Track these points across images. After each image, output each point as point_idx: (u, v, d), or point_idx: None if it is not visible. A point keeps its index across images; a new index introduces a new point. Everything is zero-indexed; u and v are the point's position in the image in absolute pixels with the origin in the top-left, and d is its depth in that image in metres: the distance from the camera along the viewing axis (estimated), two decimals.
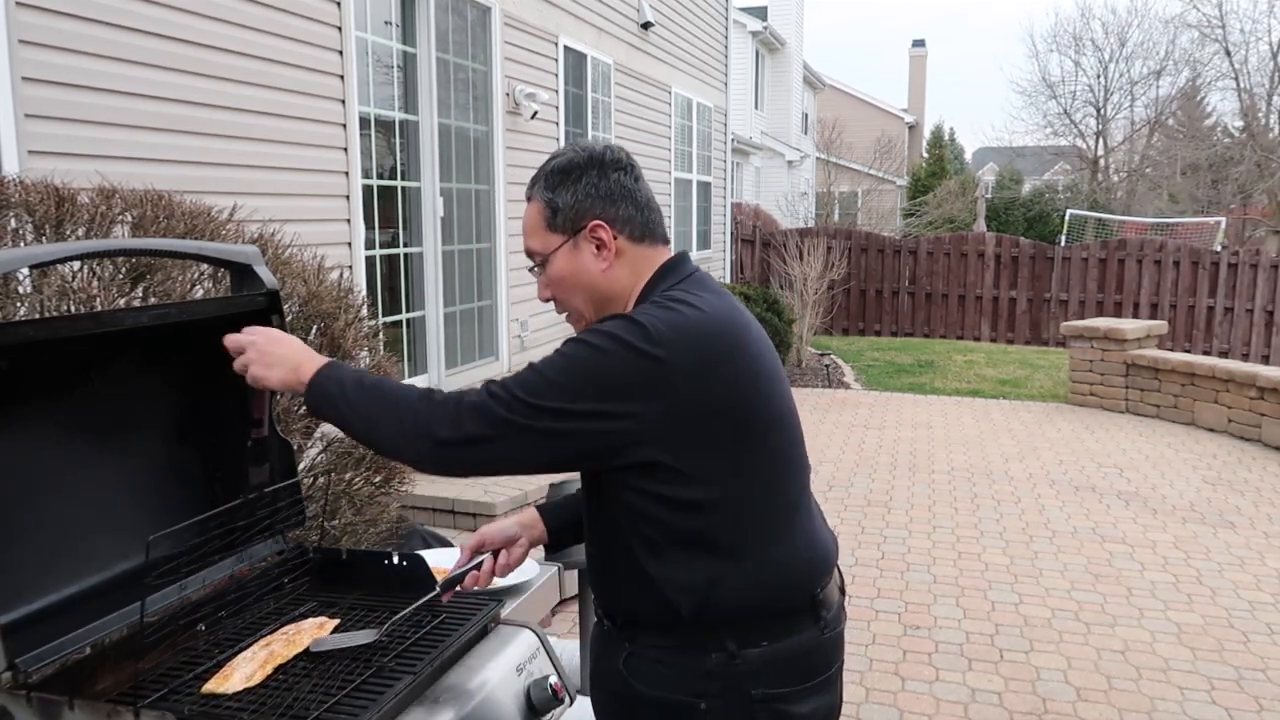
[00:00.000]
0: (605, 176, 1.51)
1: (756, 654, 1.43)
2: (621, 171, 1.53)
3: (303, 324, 3.13)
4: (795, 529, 1.49)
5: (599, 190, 1.50)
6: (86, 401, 1.67)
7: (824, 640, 1.50)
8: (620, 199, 1.51)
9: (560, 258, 1.52)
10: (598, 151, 1.53)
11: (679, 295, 1.45)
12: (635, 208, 1.52)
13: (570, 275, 1.52)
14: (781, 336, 9.77)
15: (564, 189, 1.51)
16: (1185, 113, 27.66)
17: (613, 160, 1.53)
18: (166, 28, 4.09)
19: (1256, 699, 3.46)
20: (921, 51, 37.92)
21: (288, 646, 1.60)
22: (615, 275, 1.52)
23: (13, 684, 1.43)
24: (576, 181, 1.51)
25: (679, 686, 1.44)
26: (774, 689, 1.44)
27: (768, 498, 1.46)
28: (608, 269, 1.51)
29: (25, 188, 2.58)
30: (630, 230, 1.52)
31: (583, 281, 1.52)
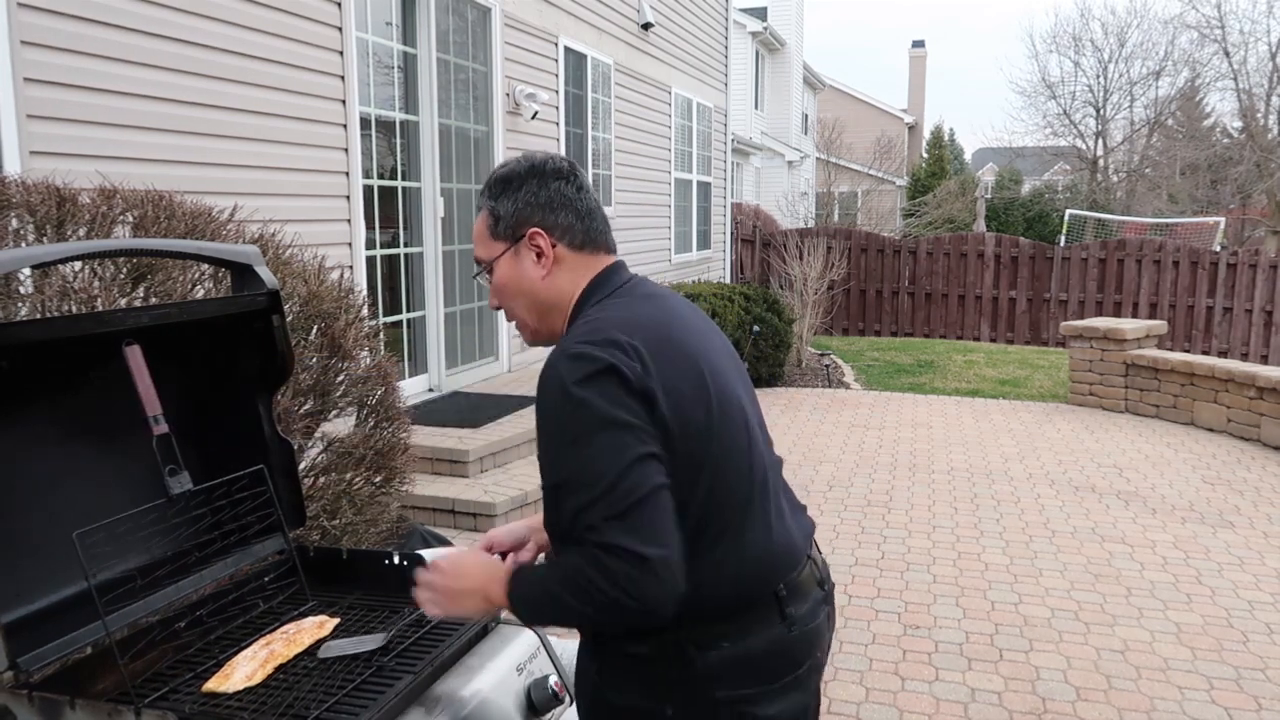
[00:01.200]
0: (545, 185, 1.53)
1: (716, 656, 1.41)
2: (562, 181, 1.55)
3: (303, 324, 3.13)
4: (745, 525, 1.46)
5: (538, 199, 1.53)
6: (86, 401, 1.67)
7: (791, 637, 1.47)
8: (560, 207, 1.53)
9: (503, 265, 1.55)
10: (538, 161, 1.56)
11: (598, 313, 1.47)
12: (576, 216, 1.54)
13: (512, 282, 1.55)
14: (781, 336, 9.77)
15: (505, 197, 1.54)
16: (1184, 113, 27.66)
17: (554, 170, 1.55)
18: (167, 28, 4.09)
19: (1256, 699, 3.46)
20: (921, 52, 37.92)
21: (288, 646, 1.61)
22: (555, 283, 1.54)
23: (14, 683, 1.43)
24: (517, 190, 1.53)
25: (645, 693, 1.44)
26: (737, 690, 1.42)
27: (711, 495, 1.42)
28: (547, 276, 1.53)
29: (27, 188, 2.59)
30: (570, 238, 1.54)
31: (524, 289, 1.55)
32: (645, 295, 1.54)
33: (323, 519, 3.02)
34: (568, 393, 1.36)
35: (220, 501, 1.81)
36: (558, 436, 1.37)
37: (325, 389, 3.17)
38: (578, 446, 1.35)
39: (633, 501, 1.32)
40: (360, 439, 3.31)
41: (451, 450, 5.10)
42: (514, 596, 1.42)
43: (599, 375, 1.35)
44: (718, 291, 9.45)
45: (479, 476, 5.13)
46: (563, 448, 1.37)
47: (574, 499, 1.35)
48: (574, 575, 1.34)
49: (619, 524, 1.31)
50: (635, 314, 1.47)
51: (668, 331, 1.45)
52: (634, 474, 1.33)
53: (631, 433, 1.35)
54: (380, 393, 3.40)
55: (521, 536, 1.72)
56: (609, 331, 1.40)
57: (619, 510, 1.31)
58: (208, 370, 1.90)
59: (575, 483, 1.35)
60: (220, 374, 1.91)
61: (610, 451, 1.33)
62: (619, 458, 1.33)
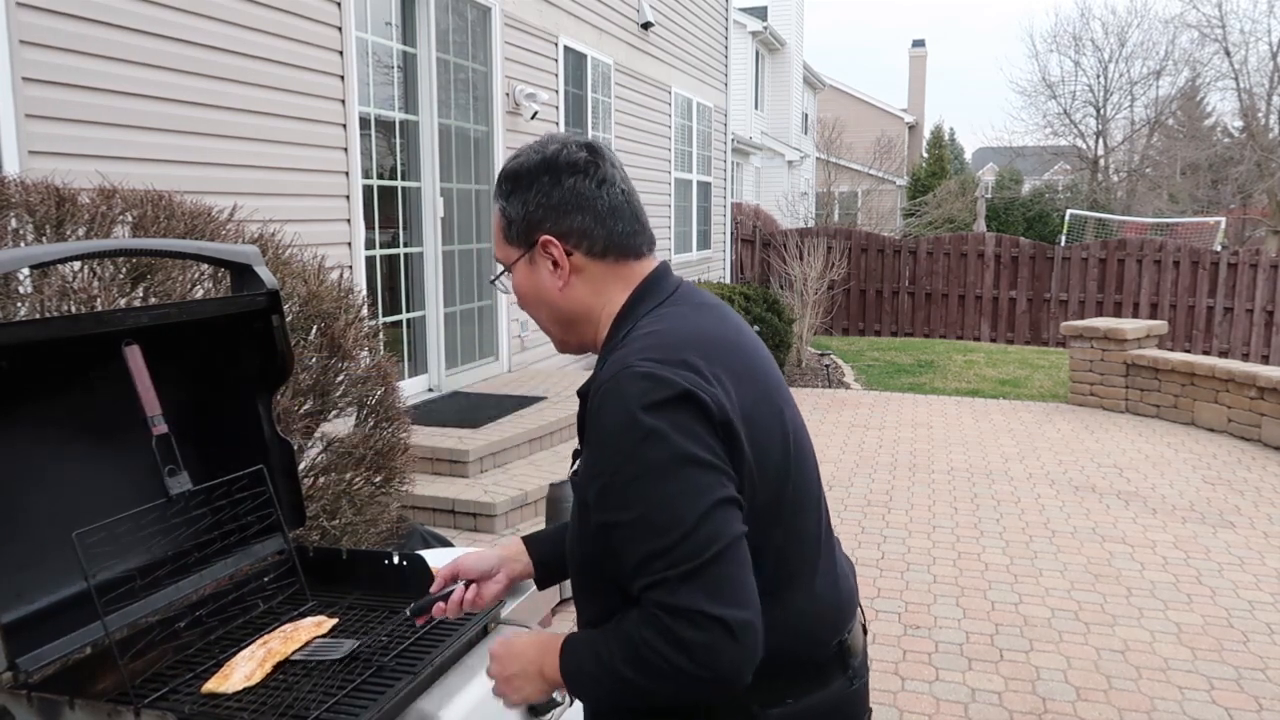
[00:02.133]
0: (558, 183, 1.31)
1: (782, 712, 1.27)
2: (578, 176, 1.31)
3: (303, 324, 3.13)
4: (818, 570, 1.33)
5: (550, 200, 1.31)
6: (86, 401, 1.67)
7: (853, 691, 1.35)
8: (574, 210, 1.31)
9: (519, 272, 1.36)
10: (550, 153, 1.32)
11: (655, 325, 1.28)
12: (595, 219, 1.31)
13: (530, 292, 1.36)
14: (781, 336, 9.77)
15: (515, 197, 1.33)
16: (1185, 113, 27.66)
17: (568, 163, 1.31)
18: (167, 28, 4.09)
19: (1256, 699, 3.46)
20: (921, 51, 37.92)
21: (286, 644, 1.61)
22: (575, 295, 1.34)
23: (13, 684, 1.43)
24: (526, 190, 1.32)
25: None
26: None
27: (787, 537, 1.28)
28: (564, 288, 1.33)
29: (26, 188, 2.59)
30: (589, 245, 1.32)
31: (543, 299, 1.36)
32: (701, 305, 1.34)
33: (323, 519, 3.02)
34: (636, 420, 1.15)
35: (220, 501, 1.81)
36: (621, 469, 1.17)
37: (325, 389, 3.17)
38: (646, 483, 1.15)
39: (711, 555, 1.13)
40: (360, 439, 3.31)
41: (451, 450, 5.10)
42: (567, 673, 1.24)
43: (675, 402, 1.16)
44: (718, 292, 9.45)
45: (479, 476, 5.13)
46: (627, 483, 1.16)
47: (636, 546, 1.16)
48: (636, 646, 1.15)
49: (694, 582, 1.12)
50: (704, 330, 1.27)
51: (741, 355, 1.28)
52: (713, 521, 1.14)
53: (711, 473, 1.16)
54: (380, 393, 3.39)
55: (491, 567, 1.57)
56: (682, 351, 1.21)
57: (694, 566, 1.12)
58: (207, 370, 1.90)
59: (640, 526, 1.15)
60: (220, 374, 1.91)
61: (687, 494, 1.14)
62: (696, 501, 1.14)
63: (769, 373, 1.32)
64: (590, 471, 1.23)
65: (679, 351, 1.21)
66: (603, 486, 1.20)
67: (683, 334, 1.26)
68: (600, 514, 1.21)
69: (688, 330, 1.27)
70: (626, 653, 1.16)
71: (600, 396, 1.21)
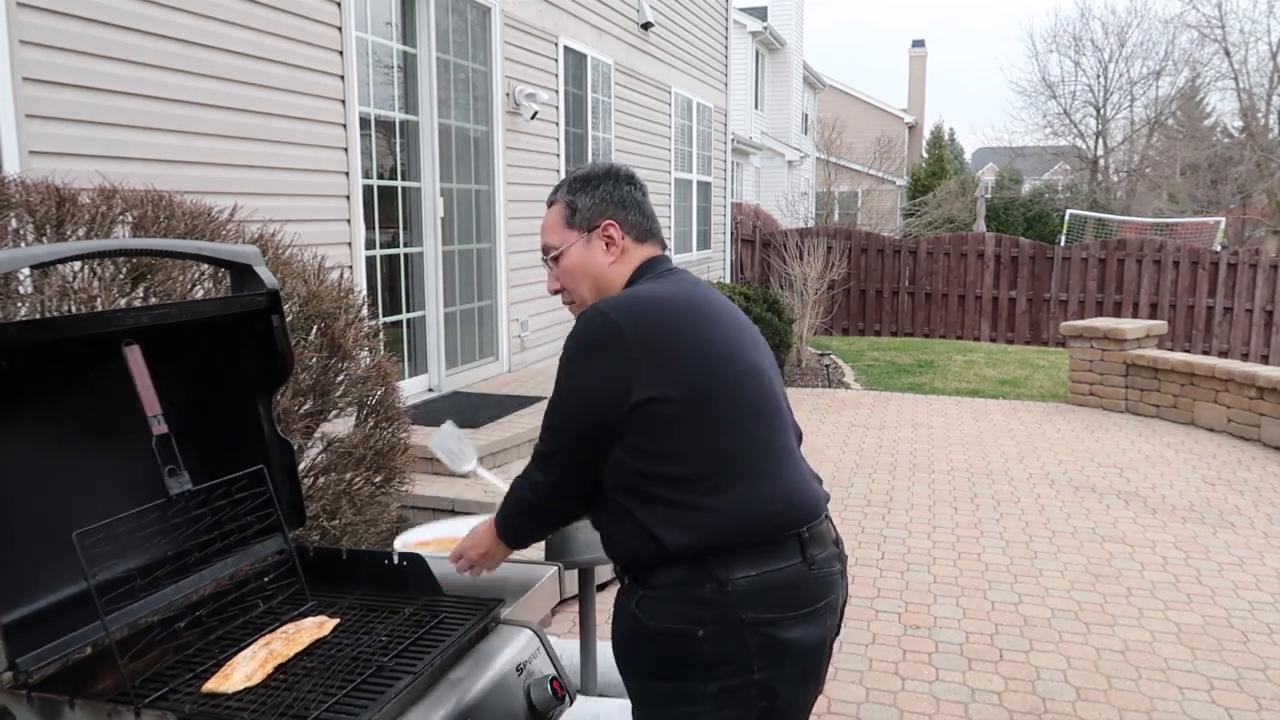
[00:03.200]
0: (619, 187, 1.85)
1: (744, 581, 1.61)
2: (632, 186, 1.88)
3: (303, 324, 3.13)
4: (769, 471, 1.69)
5: (614, 197, 1.84)
6: (86, 402, 1.67)
7: (810, 575, 1.67)
8: (630, 206, 1.85)
9: (574, 251, 1.84)
10: (615, 167, 1.88)
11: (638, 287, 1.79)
12: (641, 215, 1.86)
13: (580, 266, 1.83)
14: (781, 336, 9.77)
15: (584, 193, 1.84)
16: (1185, 113, 27.65)
17: (626, 175, 1.88)
18: (167, 28, 4.09)
19: (1256, 699, 3.46)
20: (921, 51, 37.91)
21: (288, 645, 1.61)
22: (618, 269, 1.83)
23: (13, 684, 1.43)
24: (595, 188, 1.84)
25: (679, 617, 1.62)
26: (761, 614, 1.61)
27: (734, 439, 1.66)
28: (614, 263, 1.83)
29: (26, 188, 2.59)
30: (635, 233, 1.85)
31: (590, 272, 1.83)
32: (676, 279, 1.81)
33: (323, 519, 3.02)
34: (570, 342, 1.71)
35: (220, 502, 1.81)
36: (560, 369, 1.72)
37: (325, 389, 3.17)
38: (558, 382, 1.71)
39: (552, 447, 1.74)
40: (360, 439, 3.31)
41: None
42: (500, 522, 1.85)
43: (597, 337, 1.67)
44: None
45: (479, 477, 5.12)
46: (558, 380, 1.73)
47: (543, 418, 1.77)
48: (516, 489, 1.81)
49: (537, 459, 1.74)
50: (657, 293, 1.75)
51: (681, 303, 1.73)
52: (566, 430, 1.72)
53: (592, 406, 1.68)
54: (380, 393, 3.39)
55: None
56: (630, 299, 1.73)
57: (546, 442, 1.74)
58: (208, 370, 1.90)
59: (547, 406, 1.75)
60: (220, 374, 1.91)
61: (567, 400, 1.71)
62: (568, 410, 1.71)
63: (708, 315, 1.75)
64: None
65: (625, 301, 1.72)
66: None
67: (638, 292, 1.76)
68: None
69: (643, 291, 1.76)
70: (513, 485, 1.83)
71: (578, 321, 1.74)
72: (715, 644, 1.60)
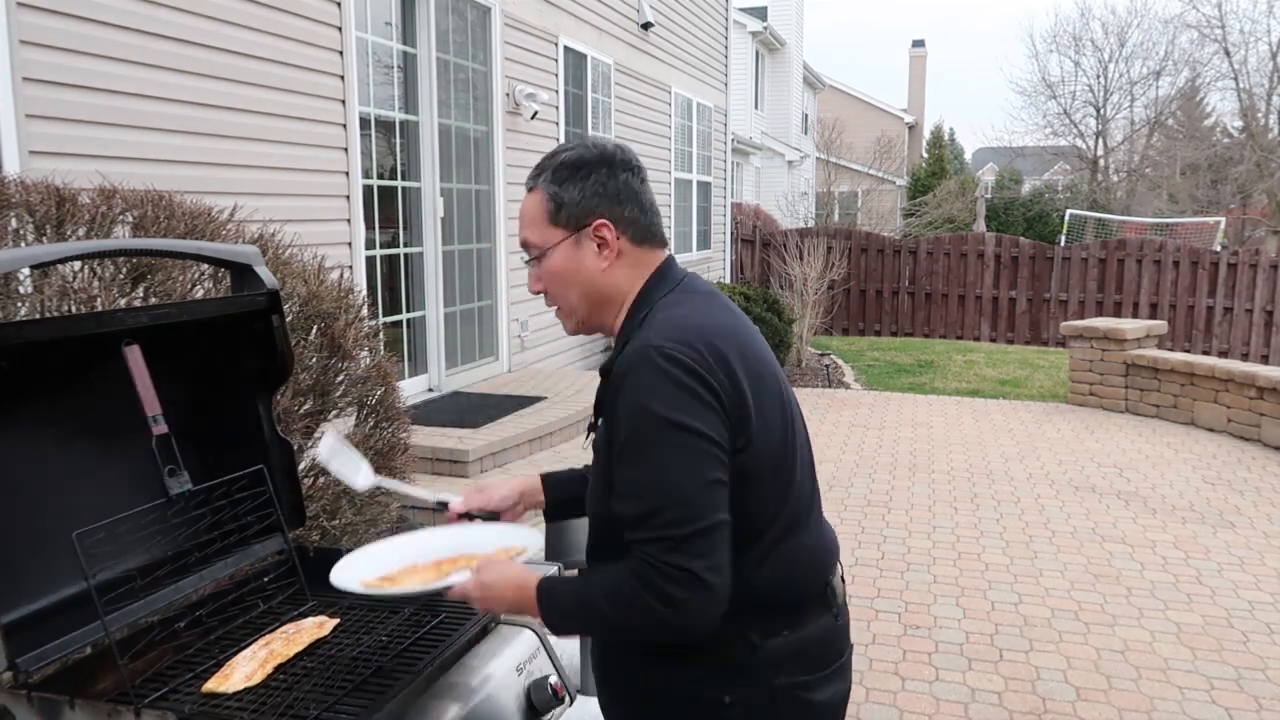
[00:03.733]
0: (614, 176, 1.50)
1: (779, 643, 1.44)
2: (630, 173, 1.52)
3: (303, 324, 3.13)
4: (811, 522, 1.52)
5: (607, 190, 1.49)
6: (86, 401, 1.67)
7: (838, 626, 1.54)
8: (627, 200, 1.51)
9: (560, 253, 1.51)
10: (609, 150, 1.52)
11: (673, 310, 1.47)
12: (640, 210, 1.52)
13: (569, 272, 1.52)
14: (781, 336, 9.77)
15: (571, 184, 1.49)
16: (1185, 113, 27.66)
17: (623, 161, 1.52)
18: (167, 28, 4.09)
19: (1256, 699, 3.46)
20: (921, 51, 37.91)
21: (288, 645, 1.60)
22: (614, 276, 1.52)
23: (13, 684, 1.43)
24: (585, 179, 1.49)
25: (702, 682, 1.43)
26: (795, 677, 1.45)
27: (791, 494, 1.47)
28: (607, 269, 1.51)
29: (26, 188, 2.59)
30: (633, 232, 1.52)
31: (581, 279, 1.52)
32: (708, 294, 1.54)
33: (323, 519, 3.02)
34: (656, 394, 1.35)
35: (220, 502, 1.81)
36: (638, 432, 1.36)
37: (325, 389, 3.17)
38: (655, 449, 1.34)
39: (705, 525, 1.32)
40: (360, 439, 3.31)
41: (451, 450, 5.10)
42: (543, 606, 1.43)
43: (689, 382, 1.35)
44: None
45: (479, 477, 5.13)
46: (640, 445, 1.36)
47: (638, 503, 1.35)
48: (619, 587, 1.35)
49: (688, 546, 1.31)
50: (714, 319, 1.46)
51: (743, 339, 1.47)
52: (710, 495, 1.34)
53: (711, 454, 1.35)
54: (380, 393, 3.39)
55: (511, 499, 1.78)
56: (699, 336, 1.40)
57: (690, 531, 1.31)
58: (208, 370, 1.90)
59: (644, 485, 1.35)
60: (220, 374, 1.91)
61: (688, 465, 1.34)
62: (696, 474, 1.34)
63: (767, 354, 1.52)
64: (614, 436, 1.40)
65: (697, 336, 1.40)
66: (621, 447, 1.38)
67: (697, 320, 1.44)
68: (617, 468, 1.39)
69: (700, 318, 1.45)
70: (608, 590, 1.36)
71: (626, 369, 1.39)
72: (744, 712, 1.43)
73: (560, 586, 1.45)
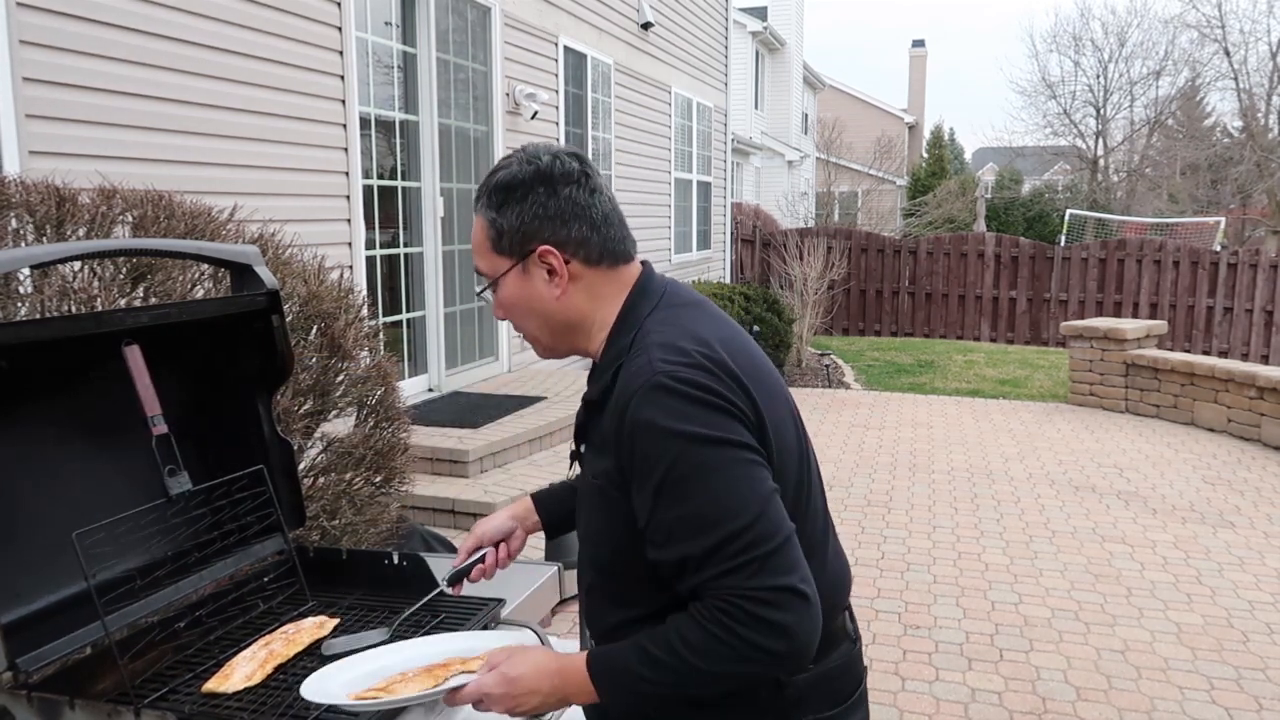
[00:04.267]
0: (555, 194, 1.34)
1: (805, 678, 1.34)
2: (573, 185, 1.35)
3: (303, 324, 3.13)
4: (827, 548, 1.43)
5: (547, 210, 1.33)
6: (86, 401, 1.67)
7: (856, 653, 1.46)
8: (572, 218, 1.34)
9: (510, 282, 1.38)
10: (545, 164, 1.35)
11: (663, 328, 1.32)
12: (590, 227, 1.35)
13: (522, 301, 1.38)
14: (781, 336, 9.77)
15: (508, 208, 1.34)
16: (1185, 113, 27.66)
17: (562, 173, 1.34)
18: (167, 28, 4.09)
19: (1256, 699, 3.46)
20: (921, 51, 37.91)
21: (288, 645, 1.60)
22: (571, 302, 1.37)
23: (13, 684, 1.43)
24: (521, 200, 1.34)
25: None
26: (820, 713, 1.37)
27: (808, 517, 1.37)
28: (561, 296, 1.36)
29: (26, 188, 2.59)
30: (585, 254, 1.35)
31: (536, 309, 1.38)
32: (697, 305, 1.40)
33: (323, 519, 3.02)
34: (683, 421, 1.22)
35: (220, 502, 1.81)
36: (674, 467, 1.22)
37: (325, 389, 3.17)
38: (705, 478, 1.21)
39: (783, 538, 1.22)
40: (360, 439, 3.31)
41: (451, 450, 5.10)
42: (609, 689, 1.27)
43: (713, 404, 1.24)
44: (718, 291, 9.46)
45: (479, 477, 5.13)
46: (682, 479, 1.21)
47: (701, 539, 1.21)
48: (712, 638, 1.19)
49: (773, 563, 1.19)
50: (714, 334, 1.33)
51: (746, 354, 1.35)
52: (775, 508, 1.23)
53: (759, 465, 1.25)
54: (380, 393, 3.39)
55: (509, 528, 1.68)
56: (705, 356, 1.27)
57: (771, 548, 1.20)
58: (207, 370, 1.90)
59: (703, 519, 1.21)
60: (220, 374, 1.91)
61: (744, 483, 1.22)
62: (755, 490, 1.22)
63: (769, 366, 1.39)
64: (636, 477, 1.26)
65: (703, 354, 1.28)
66: (655, 488, 1.23)
67: (698, 336, 1.31)
68: (656, 513, 1.24)
69: (700, 333, 1.32)
70: (694, 644, 1.20)
71: (634, 400, 1.25)
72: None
73: (619, 660, 1.26)
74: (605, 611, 1.43)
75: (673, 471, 1.22)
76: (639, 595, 1.35)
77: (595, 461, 1.37)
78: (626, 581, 1.37)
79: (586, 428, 1.41)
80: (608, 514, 1.35)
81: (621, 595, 1.39)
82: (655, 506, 1.24)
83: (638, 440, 1.25)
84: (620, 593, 1.39)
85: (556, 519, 1.73)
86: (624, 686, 1.25)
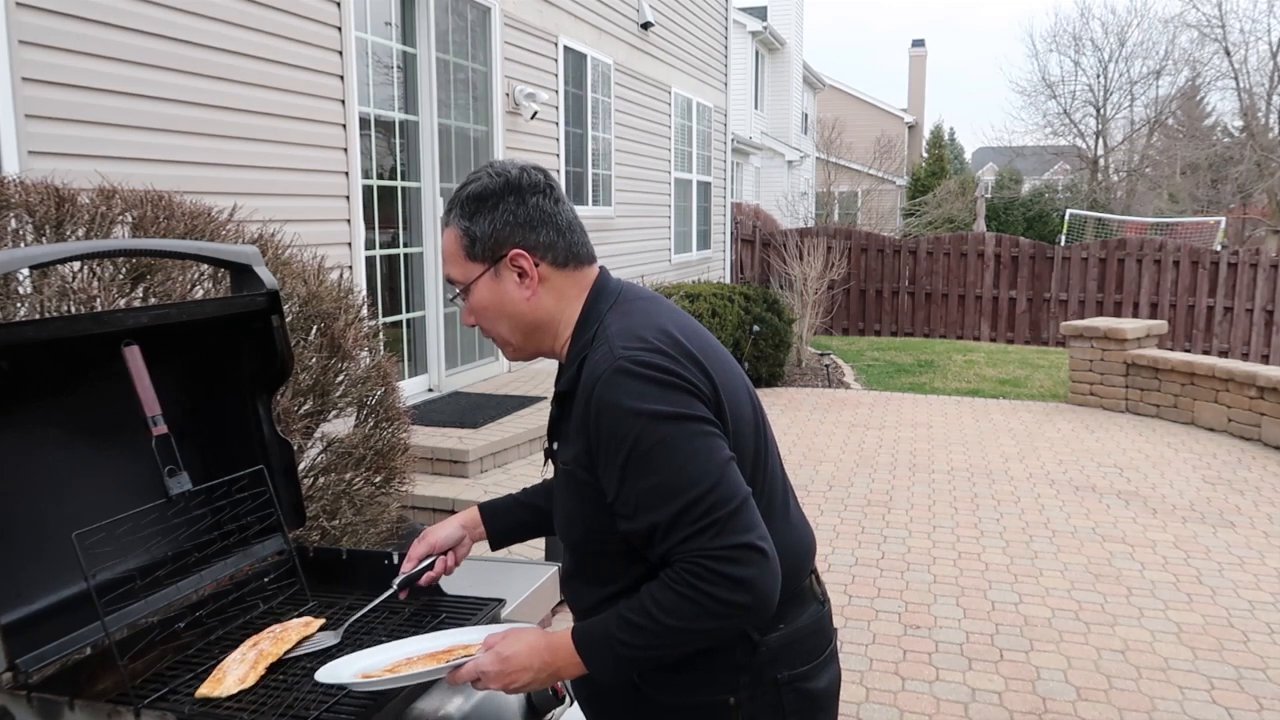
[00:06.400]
0: (523, 202, 1.46)
1: (776, 637, 1.45)
2: (540, 195, 1.47)
3: (303, 324, 3.13)
4: (788, 514, 1.53)
5: (518, 217, 1.46)
6: (86, 401, 1.67)
7: (825, 613, 1.56)
8: (540, 225, 1.47)
9: (482, 287, 1.49)
10: (514, 176, 1.47)
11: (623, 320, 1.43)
12: (556, 232, 1.48)
13: (494, 305, 1.49)
14: (781, 336, 9.77)
15: (481, 217, 1.46)
16: (1185, 112, 27.66)
17: (530, 184, 1.47)
18: (166, 28, 4.09)
19: (1256, 698, 3.46)
20: (921, 51, 37.91)
21: (276, 644, 1.60)
22: (540, 303, 1.49)
23: (13, 684, 1.43)
24: (494, 209, 1.46)
25: (706, 687, 1.44)
26: (794, 669, 1.47)
27: (767, 481, 1.47)
28: (531, 297, 1.48)
29: (25, 188, 2.58)
30: (553, 256, 1.48)
31: (507, 311, 1.49)
32: (652, 298, 1.52)
33: (323, 519, 3.02)
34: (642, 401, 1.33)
35: (220, 502, 1.81)
36: (638, 443, 1.32)
37: (325, 389, 3.17)
38: (665, 451, 1.32)
39: (740, 501, 1.32)
40: (360, 439, 3.31)
41: (451, 450, 5.10)
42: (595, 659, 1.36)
43: (669, 383, 1.35)
44: (718, 291, 9.45)
45: (479, 477, 5.12)
46: (646, 453, 1.32)
47: (666, 506, 1.31)
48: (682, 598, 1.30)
49: (732, 524, 1.30)
50: (670, 320, 1.45)
51: (699, 336, 1.47)
52: (731, 474, 1.34)
53: (715, 437, 1.35)
54: (380, 393, 3.39)
55: (457, 536, 1.77)
56: (660, 339, 1.39)
57: (729, 511, 1.31)
58: (207, 370, 1.90)
59: (667, 488, 1.31)
60: (220, 374, 1.91)
61: (703, 454, 1.32)
62: (712, 459, 1.33)
63: (723, 350, 1.51)
64: (601, 455, 1.37)
65: (658, 336, 1.40)
66: (622, 464, 1.34)
67: (653, 322, 1.43)
68: (624, 487, 1.35)
69: (655, 320, 1.44)
70: (667, 606, 1.31)
71: (597, 385, 1.36)
72: (749, 711, 1.44)
73: (599, 629, 1.37)
74: (585, 592, 1.53)
75: (638, 447, 1.33)
76: (613, 572, 1.46)
77: (566, 449, 1.47)
78: (600, 560, 1.48)
79: (559, 423, 1.51)
80: (579, 496, 1.45)
81: (597, 574, 1.49)
82: (623, 481, 1.35)
83: (603, 421, 1.35)
84: (595, 572, 1.49)
85: (501, 530, 1.80)
86: (607, 653, 1.36)
